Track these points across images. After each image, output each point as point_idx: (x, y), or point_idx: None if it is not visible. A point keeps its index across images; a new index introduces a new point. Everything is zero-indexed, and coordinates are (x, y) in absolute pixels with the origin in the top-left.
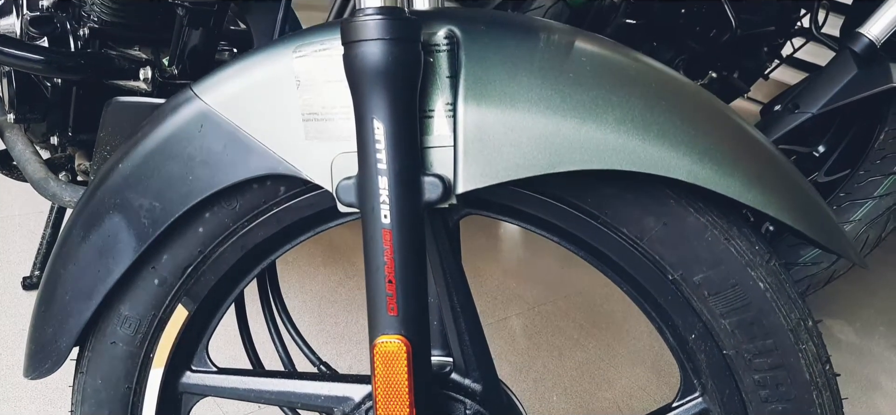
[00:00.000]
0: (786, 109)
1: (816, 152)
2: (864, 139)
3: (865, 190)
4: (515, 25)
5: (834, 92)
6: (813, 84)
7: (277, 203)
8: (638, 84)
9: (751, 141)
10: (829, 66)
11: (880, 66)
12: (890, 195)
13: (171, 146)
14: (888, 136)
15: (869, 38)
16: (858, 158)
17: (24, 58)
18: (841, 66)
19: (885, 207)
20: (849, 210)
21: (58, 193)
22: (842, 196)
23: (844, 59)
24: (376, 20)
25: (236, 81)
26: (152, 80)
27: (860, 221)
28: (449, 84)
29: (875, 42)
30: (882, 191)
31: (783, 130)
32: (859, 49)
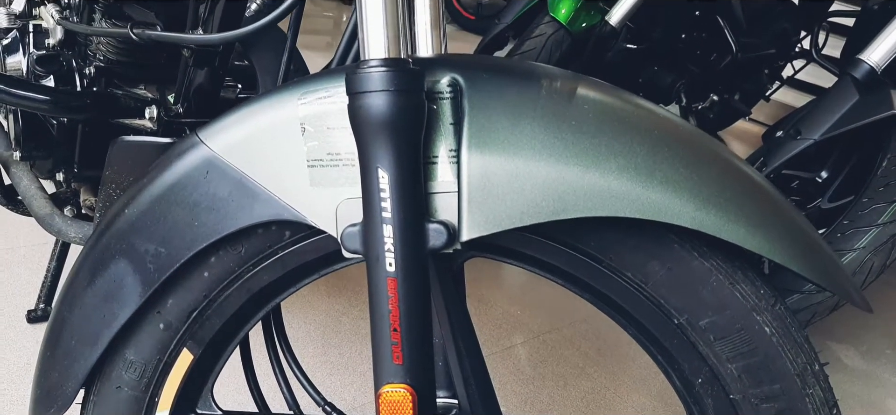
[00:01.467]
0: (788, 135)
1: (819, 178)
2: (867, 165)
3: (869, 218)
4: (517, 73)
5: (835, 119)
6: (814, 111)
7: (282, 247)
8: (640, 130)
9: (753, 185)
10: (831, 93)
11: (881, 92)
12: (894, 223)
13: (176, 192)
14: (891, 163)
15: (869, 64)
16: (861, 185)
17: (30, 98)
18: (842, 92)
19: (889, 235)
20: (853, 238)
21: (63, 229)
22: (845, 224)
23: (845, 86)
24: (380, 72)
25: (242, 128)
26: (158, 119)
27: (864, 248)
28: (452, 131)
29: (876, 68)
30: (886, 218)
31: (785, 157)
32: (860, 76)
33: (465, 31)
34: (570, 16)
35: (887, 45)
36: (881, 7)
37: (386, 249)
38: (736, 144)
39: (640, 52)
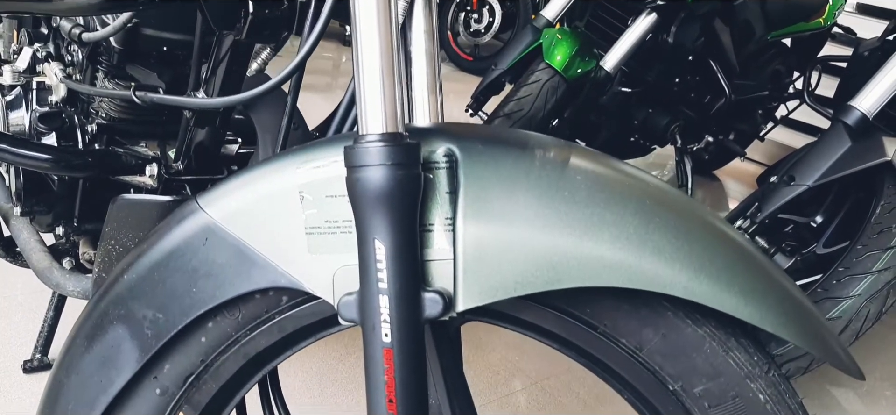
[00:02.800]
0: (782, 181)
1: (814, 223)
2: (861, 211)
3: (864, 265)
4: (512, 143)
5: (828, 165)
6: (807, 157)
7: (280, 312)
8: (631, 200)
9: (743, 253)
10: (823, 140)
11: (873, 139)
12: (888, 270)
13: (175, 259)
14: (884, 210)
15: (861, 111)
16: (856, 229)
17: (32, 157)
18: (834, 139)
19: (884, 282)
20: (848, 285)
21: (61, 283)
22: (841, 271)
23: (837, 133)
24: (378, 147)
25: (241, 195)
26: (158, 177)
27: (860, 296)
28: (448, 199)
29: (867, 115)
30: (880, 266)
31: (780, 203)
32: (852, 122)
33: (463, 72)
34: (565, 62)
35: (878, 91)
36: (871, 53)
37: (382, 319)
38: (731, 183)
39: (635, 95)
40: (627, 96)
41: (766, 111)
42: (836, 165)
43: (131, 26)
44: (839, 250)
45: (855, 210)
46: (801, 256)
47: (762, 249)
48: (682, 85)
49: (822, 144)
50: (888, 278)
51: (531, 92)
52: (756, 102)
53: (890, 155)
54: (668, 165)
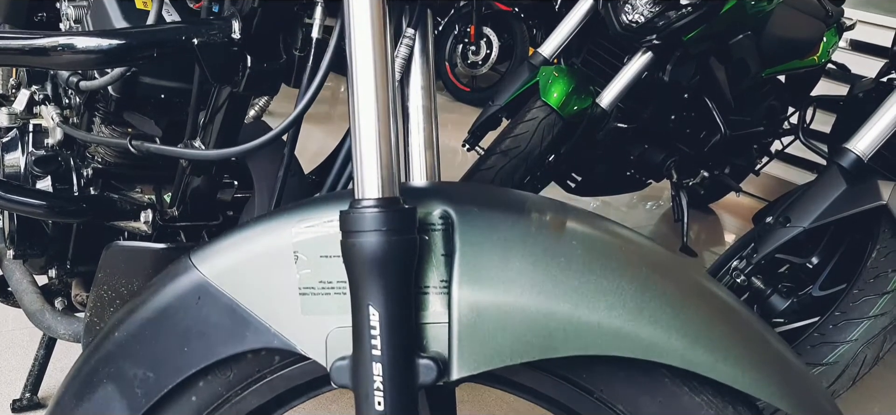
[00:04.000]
0: (777, 222)
1: (810, 264)
2: (857, 254)
3: (860, 309)
4: (507, 206)
5: (824, 208)
6: (803, 198)
7: (272, 371)
8: (627, 266)
9: (739, 320)
10: (819, 182)
11: (869, 182)
12: (885, 315)
13: (167, 317)
14: (880, 254)
15: (856, 153)
16: (852, 272)
17: (26, 203)
18: (829, 181)
19: (881, 327)
20: (845, 329)
21: (53, 326)
22: (837, 315)
23: (833, 175)
24: (374, 212)
25: (235, 254)
26: (153, 223)
27: (857, 341)
28: (444, 262)
29: (862, 157)
30: (877, 310)
31: (775, 244)
32: (847, 165)
33: (460, 103)
34: (561, 100)
35: (873, 133)
36: (865, 95)
37: (375, 387)
38: (727, 216)
39: (631, 131)
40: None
41: (762, 146)
42: (832, 207)
43: (129, 75)
44: (835, 293)
45: (850, 253)
46: (798, 297)
47: (758, 290)
48: (677, 121)
49: (817, 187)
50: (885, 323)
51: (528, 129)
52: (751, 138)
53: (885, 199)
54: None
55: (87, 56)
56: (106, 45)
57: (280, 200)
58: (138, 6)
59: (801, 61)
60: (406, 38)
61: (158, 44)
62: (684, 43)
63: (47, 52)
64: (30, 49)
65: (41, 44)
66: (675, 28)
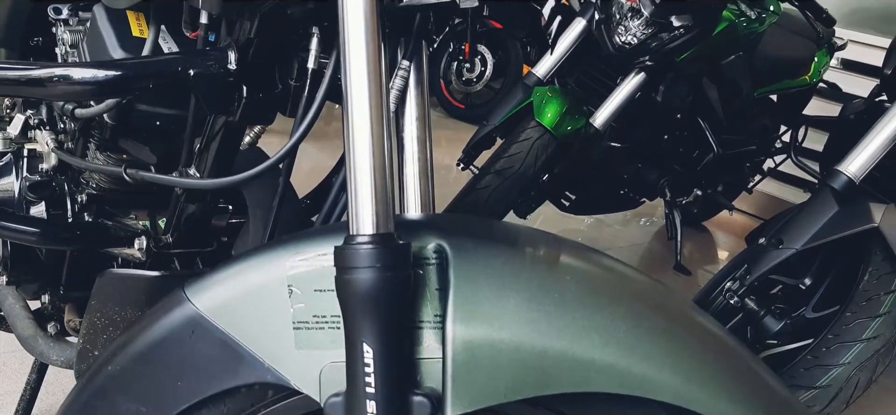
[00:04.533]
0: (770, 243)
1: (803, 285)
2: (850, 275)
3: (853, 332)
4: (501, 240)
5: (816, 230)
6: (796, 220)
7: (265, 406)
8: (621, 301)
9: (732, 355)
10: (811, 204)
11: (860, 204)
12: (878, 338)
13: (161, 351)
14: (872, 276)
15: (847, 175)
16: (845, 294)
17: (20, 231)
18: (821, 203)
19: (874, 350)
20: (838, 352)
21: (45, 353)
22: (830, 338)
23: (824, 197)
24: (368, 249)
25: (229, 287)
26: (147, 250)
27: (850, 364)
28: (438, 297)
29: (854, 179)
30: (869, 333)
31: (768, 266)
32: (839, 186)
33: (454, 119)
34: (555, 121)
35: (864, 155)
36: (856, 116)
37: None
38: (720, 234)
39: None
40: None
41: (754, 164)
42: (824, 229)
43: (125, 103)
44: (828, 315)
45: (844, 274)
46: (791, 319)
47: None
48: (670, 141)
49: (809, 209)
50: (877, 346)
51: (522, 149)
52: (744, 156)
53: (877, 221)
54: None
55: (83, 87)
56: (102, 76)
57: (275, 230)
58: (135, 34)
59: (792, 81)
60: (401, 69)
61: (155, 75)
62: (677, 64)
63: (43, 83)
64: (25, 80)
65: (37, 75)
66: (668, 49)
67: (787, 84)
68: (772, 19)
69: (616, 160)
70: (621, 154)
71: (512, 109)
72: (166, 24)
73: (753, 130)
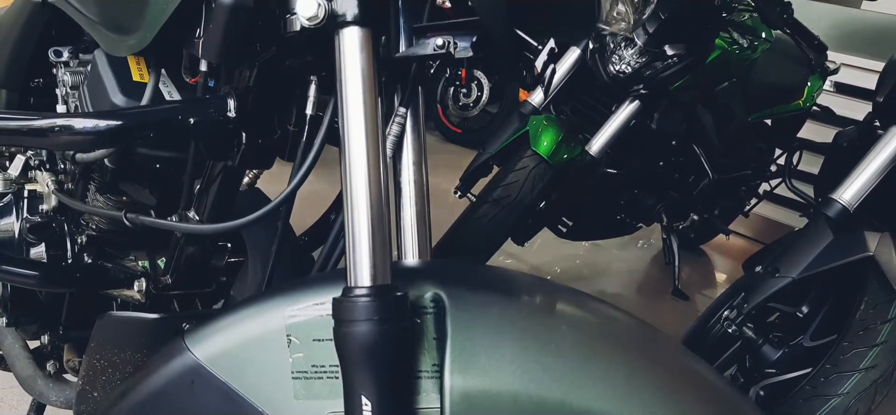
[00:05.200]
0: (767, 272)
1: (800, 313)
2: (847, 304)
3: (851, 362)
4: (498, 288)
5: (812, 258)
6: (792, 249)
7: None
8: (616, 349)
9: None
10: (806, 232)
11: (855, 233)
12: (875, 368)
13: (161, 401)
14: (868, 306)
15: (841, 203)
16: (843, 323)
17: (20, 274)
18: (817, 232)
19: (872, 380)
20: (836, 383)
21: (44, 393)
22: (828, 368)
23: (820, 226)
24: (366, 302)
25: (228, 336)
26: (146, 292)
27: (848, 394)
28: (436, 346)
29: (848, 207)
30: (867, 363)
31: (765, 295)
32: (833, 215)
33: (451, 144)
34: (551, 149)
35: (858, 183)
36: (850, 143)
37: None
38: (718, 257)
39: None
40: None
41: (750, 188)
42: (820, 258)
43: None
44: (826, 344)
45: (841, 302)
46: (789, 347)
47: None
48: (666, 167)
49: (805, 237)
50: (875, 376)
51: (518, 179)
52: (739, 180)
53: (872, 250)
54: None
55: (83, 137)
56: (103, 126)
57: (273, 273)
58: (135, 78)
59: (786, 106)
60: (398, 116)
61: (155, 124)
62: (671, 91)
63: (44, 133)
64: (27, 130)
65: (38, 125)
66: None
67: (781, 109)
68: (764, 46)
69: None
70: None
71: (508, 138)
72: (166, 67)
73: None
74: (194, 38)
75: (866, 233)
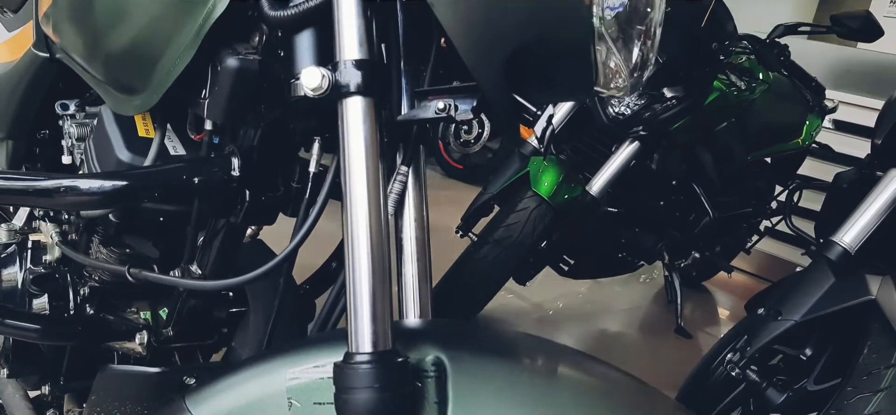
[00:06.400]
0: (769, 315)
1: (804, 356)
2: (850, 348)
3: (855, 408)
4: (500, 351)
5: (814, 302)
6: (794, 291)
7: None
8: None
9: None
10: (808, 274)
11: (857, 276)
12: (880, 414)
13: None
14: (871, 351)
15: (842, 246)
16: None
17: (22, 328)
18: (818, 275)
19: None
20: None
21: None
22: (833, 414)
23: (821, 269)
24: (367, 369)
25: (229, 398)
26: (148, 345)
27: None
28: (437, 410)
29: (849, 250)
30: (871, 409)
31: (768, 338)
32: (834, 257)
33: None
34: (551, 190)
35: (859, 226)
36: (849, 185)
37: None
38: (720, 294)
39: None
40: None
41: (751, 225)
42: (822, 302)
43: None
44: (831, 387)
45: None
46: (793, 391)
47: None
48: (666, 206)
49: (807, 279)
50: None
51: (519, 219)
52: (740, 218)
53: (874, 294)
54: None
55: (90, 198)
56: (109, 187)
57: (275, 328)
58: (140, 134)
59: (785, 144)
60: (400, 175)
61: (160, 184)
62: (670, 132)
63: (50, 194)
64: (33, 190)
65: (44, 186)
66: (661, 120)
67: (780, 148)
68: (762, 88)
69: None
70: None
71: (509, 179)
72: (172, 122)
73: (748, 193)
74: (200, 98)
75: (868, 276)
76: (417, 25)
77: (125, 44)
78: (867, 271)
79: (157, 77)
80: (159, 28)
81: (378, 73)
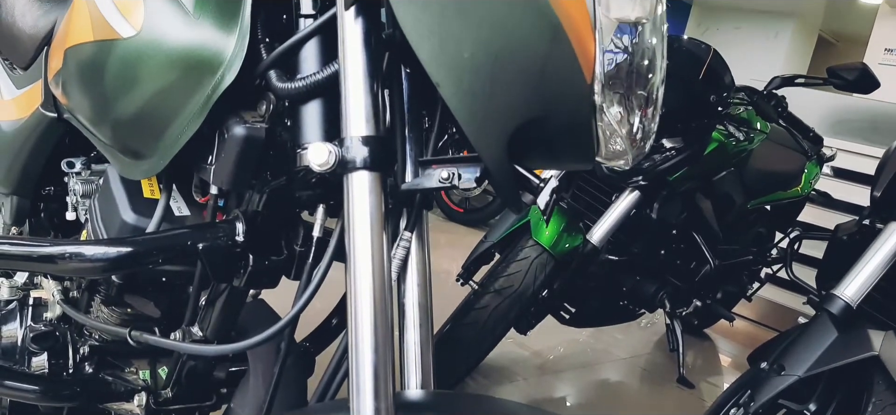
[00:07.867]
0: (772, 369)
1: (808, 410)
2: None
3: None
4: None
5: (817, 357)
6: (797, 345)
7: None
8: None
9: None
10: (810, 329)
11: (860, 331)
12: None
13: None
14: (875, 407)
15: (844, 300)
16: None
17: (21, 390)
18: (820, 329)
19: None
20: None
21: None
22: None
23: (823, 323)
24: None
25: None
26: (146, 407)
27: None
28: None
29: (851, 304)
30: None
31: (772, 393)
32: (837, 311)
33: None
34: (552, 240)
35: (860, 279)
36: (849, 238)
37: None
38: (722, 341)
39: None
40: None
41: (752, 273)
42: (825, 356)
43: None
44: None
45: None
46: None
47: None
48: (667, 254)
49: (809, 334)
50: None
51: (520, 268)
52: (741, 266)
53: (877, 349)
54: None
55: (94, 264)
56: (114, 253)
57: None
58: (146, 195)
59: (784, 192)
60: (403, 240)
61: (164, 251)
62: (670, 182)
63: (54, 260)
64: (37, 256)
65: (49, 252)
66: (661, 170)
67: (780, 195)
68: (760, 138)
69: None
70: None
71: (510, 227)
72: (177, 183)
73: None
74: (206, 164)
75: (870, 331)
76: (421, 95)
77: (134, 111)
78: (870, 326)
79: (164, 144)
80: (168, 97)
81: (385, 148)
